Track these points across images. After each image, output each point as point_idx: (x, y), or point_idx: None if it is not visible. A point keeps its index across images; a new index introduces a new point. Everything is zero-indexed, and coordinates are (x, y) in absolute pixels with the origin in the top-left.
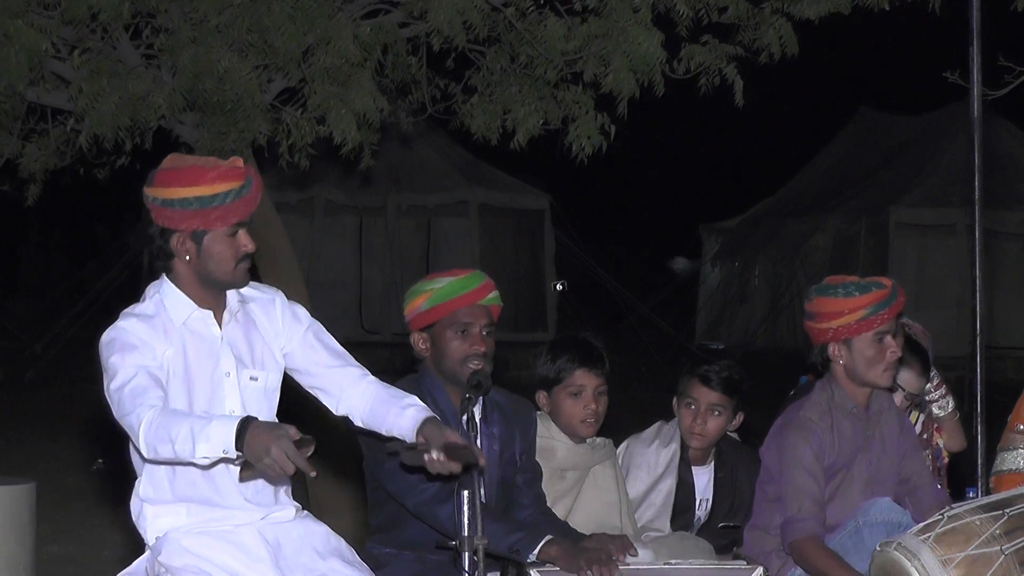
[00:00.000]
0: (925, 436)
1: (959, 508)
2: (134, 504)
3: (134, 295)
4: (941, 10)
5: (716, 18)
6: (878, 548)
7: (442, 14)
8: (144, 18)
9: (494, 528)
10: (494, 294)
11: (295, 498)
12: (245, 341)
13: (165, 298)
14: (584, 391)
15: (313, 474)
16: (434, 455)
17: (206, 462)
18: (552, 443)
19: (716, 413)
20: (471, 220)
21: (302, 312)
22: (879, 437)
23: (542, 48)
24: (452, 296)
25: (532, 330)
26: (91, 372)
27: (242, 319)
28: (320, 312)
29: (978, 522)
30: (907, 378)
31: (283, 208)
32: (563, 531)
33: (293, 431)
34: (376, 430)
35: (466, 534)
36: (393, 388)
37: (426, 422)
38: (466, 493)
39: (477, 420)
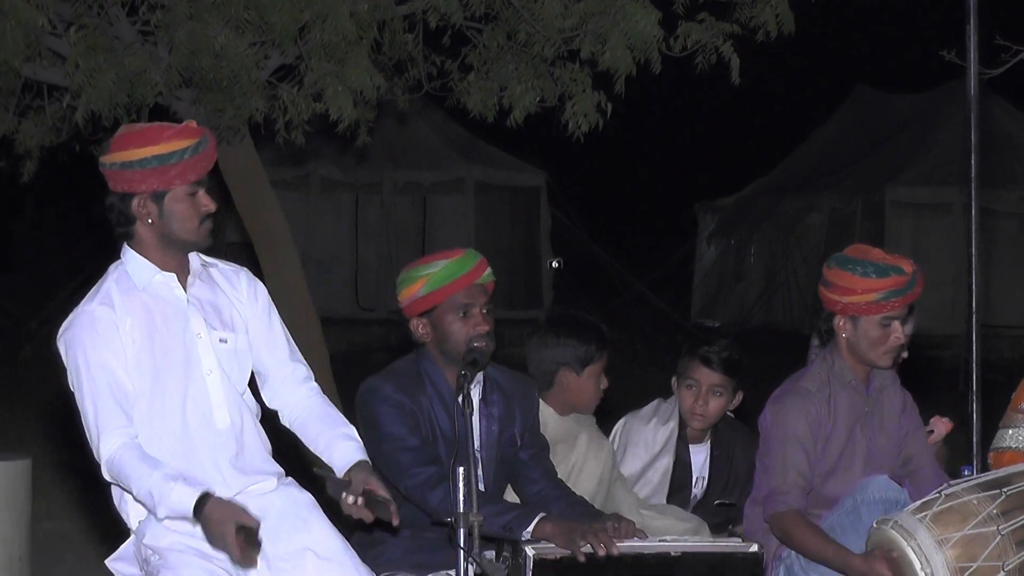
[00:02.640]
0: None
1: (956, 486)
2: (115, 489)
3: None
4: None
5: None
6: (874, 526)
7: None
8: None
9: (487, 509)
10: (488, 271)
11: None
12: (211, 304)
13: (127, 265)
14: (600, 372)
15: (253, 567)
16: (350, 500)
17: (160, 517)
18: (543, 417)
19: (717, 394)
20: (467, 197)
21: (263, 290)
22: (878, 413)
23: (539, 25)
24: (449, 280)
25: (527, 307)
26: None
27: (207, 281)
28: (315, 289)
29: (975, 501)
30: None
31: (279, 185)
32: (577, 504)
33: (247, 518)
34: (303, 439)
35: (461, 511)
36: (332, 407)
37: (357, 464)
38: (461, 471)
39: (475, 400)
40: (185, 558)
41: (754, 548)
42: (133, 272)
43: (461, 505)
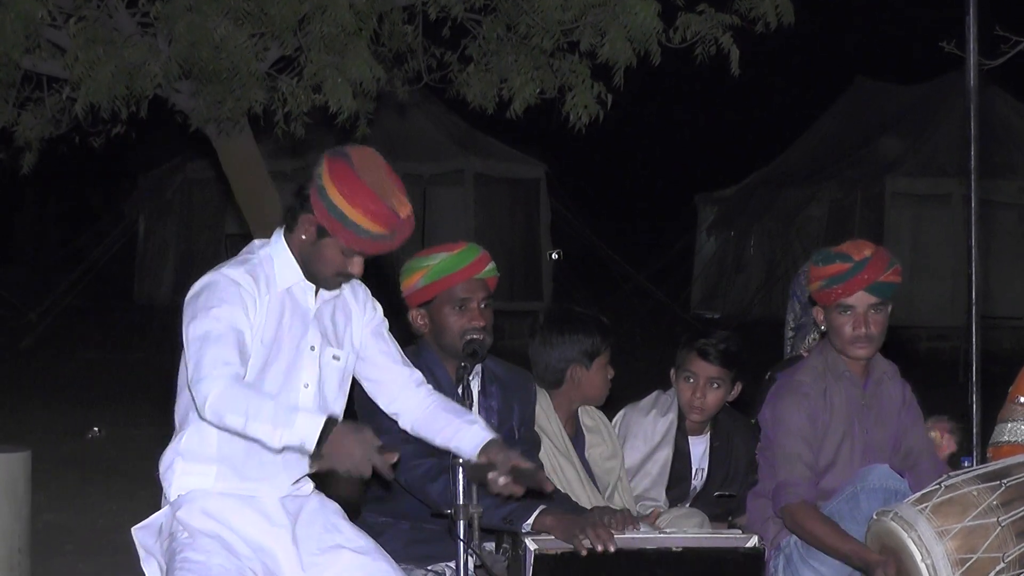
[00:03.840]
0: None
1: (956, 478)
2: (167, 456)
3: (130, 263)
4: None
5: None
6: (874, 517)
7: None
8: None
9: (487, 501)
10: (490, 266)
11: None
12: (332, 320)
13: (276, 256)
14: (607, 362)
15: (391, 477)
16: (501, 481)
17: (278, 446)
18: (548, 420)
19: (715, 386)
20: (467, 189)
21: (378, 307)
22: (876, 407)
23: (539, 17)
24: (449, 272)
25: (527, 299)
26: (87, 341)
27: (333, 296)
28: None
29: (975, 492)
30: None
31: (278, 177)
32: (563, 501)
33: (373, 437)
34: (428, 438)
35: (461, 503)
36: (452, 402)
37: (490, 443)
38: (461, 462)
39: (474, 391)
40: (215, 546)
41: (755, 543)
42: (279, 270)
43: (461, 497)
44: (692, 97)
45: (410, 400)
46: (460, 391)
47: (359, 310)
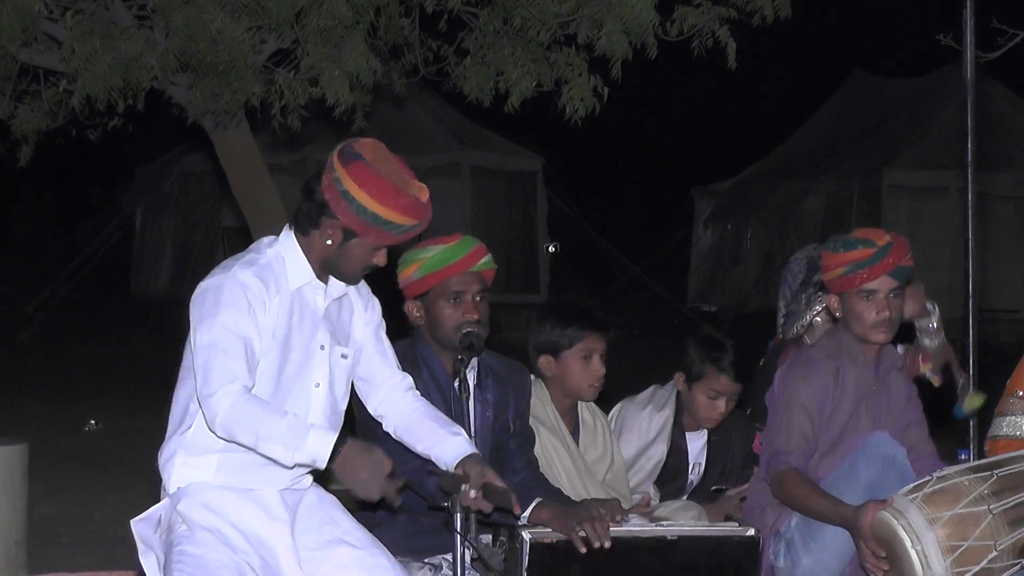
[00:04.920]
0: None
1: (949, 470)
2: (168, 448)
3: (127, 256)
4: None
5: None
6: None
7: None
8: None
9: None
10: (486, 259)
11: None
12: (339, 318)
13: (287, 255)
14: (594, 355)
15: (397, 504)
16: (472, 493)
17: (290, 464)
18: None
19: (734, 399)
20: (463, 182)
21: (378, 305)
22: (886, 393)
23: (535, 10)
24: (443, 264)
25: (524, 292)
26: (84, 334)
27: (341, 295)
28: None
29: (967, 483)
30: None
31: (276, 169)
32: (556, 496)
33: (387, 462)
34: (410, 444)
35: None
36: (437, 411)
37: (469, 457)
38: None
39: (470, 384)
40: (213, 541)
41: (751, 532)
42: (291, 270)
43: None
44: (689, 90)
45: (397, 403)
46: (457, 384)
47: (361, 308)
